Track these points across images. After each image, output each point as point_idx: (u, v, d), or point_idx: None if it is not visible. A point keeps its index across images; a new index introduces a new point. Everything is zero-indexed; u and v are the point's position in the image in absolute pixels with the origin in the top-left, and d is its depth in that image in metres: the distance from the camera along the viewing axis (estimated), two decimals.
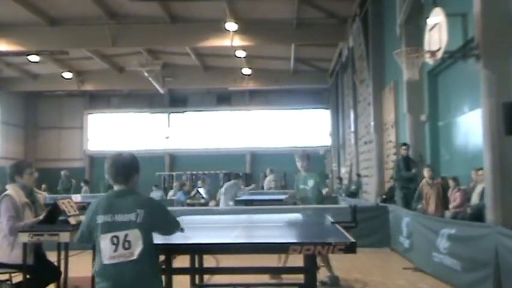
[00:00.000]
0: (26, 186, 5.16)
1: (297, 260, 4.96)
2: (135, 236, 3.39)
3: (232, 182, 13.04)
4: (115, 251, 3.38)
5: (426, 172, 9.74)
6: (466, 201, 9.65)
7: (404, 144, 11.39)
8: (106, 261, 3.39)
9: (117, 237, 3.38)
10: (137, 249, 3.39)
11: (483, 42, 7.82)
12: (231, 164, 26.71)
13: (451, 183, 10.08)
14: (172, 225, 3.70)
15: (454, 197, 9.82)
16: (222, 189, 13.34)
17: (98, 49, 22.63)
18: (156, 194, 21.02)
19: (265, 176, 21.26)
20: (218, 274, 6.90)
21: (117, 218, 3.40)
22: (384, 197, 14.29)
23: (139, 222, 3.39)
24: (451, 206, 9.80)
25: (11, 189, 5.07)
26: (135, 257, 3.38)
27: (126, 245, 3.38)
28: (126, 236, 3.38)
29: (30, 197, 5.16)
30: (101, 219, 3.43)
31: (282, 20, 19.10)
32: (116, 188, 3.57)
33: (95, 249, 4.02)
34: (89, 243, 3.64)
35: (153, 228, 3.51)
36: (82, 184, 21.83)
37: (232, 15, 18.45)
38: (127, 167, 3.58)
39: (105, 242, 3.40)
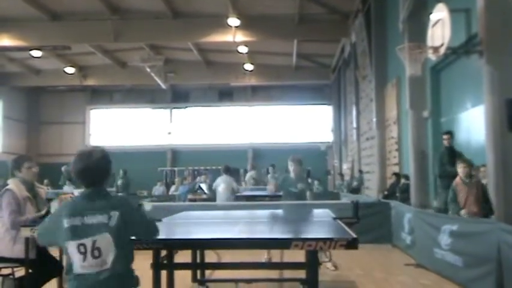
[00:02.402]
0: (27, 180, 5.16)
1: (298, 255, 4.96)
2: (105, 241, 3.01)
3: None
4: (84, 260, 3.00)
5: (461, 168, 7.56)
6: None
7: (448, 132, 9.30)
8: (77, 271, 3.03)
9: (83, 245, 2.99)
10: (110, 256, 3.02)
11: (486, 38, 7.79)
12: (233, 159, 26.57)
13: None
14: (150, 228, 3.38)
15: None
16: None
17: (100, 44, 22.61)
18: (158, 189, 21.12)
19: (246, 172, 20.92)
20: (220, 269, 6.91)
21: (86, 220, 3.01)
22: (386, 193, 14.29)
23: (112, 225, 3.01)
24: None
25: (12, 184, 5.07)
26: (108, 266, 3.01)
27: (96, 253, 3.00)
28: (94, 242, 2.99)
29: (31, 192, 5.17)
30: (68, 222, 3.01)
31: (284, 16, 19.07)
32: (86, 189, 3.16)
33: None
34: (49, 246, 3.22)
35: (128, 230, 3.12)
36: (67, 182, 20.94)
37: (234, 11, 18.42)
38: (100, 168, 3.17)
39: (72, 250, 3.03)
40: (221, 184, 11.89)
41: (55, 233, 3.09)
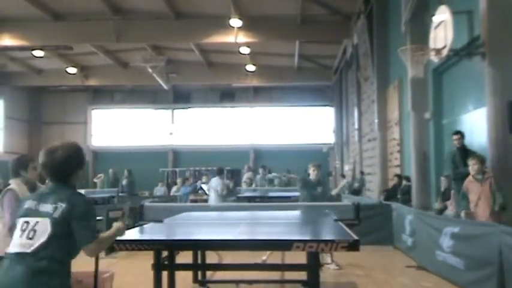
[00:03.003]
0: (29, 180, 5.16)
1: (299, 257, 4.95)
2: (43, 226, 2.95)
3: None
4: (20, 237, 2.98)
5: (473, 165, 7.20)
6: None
7: (458, 132, 8.75)
8: (9, 249, 2.99)
9: (28, 222, 3.00)
10: (38, 241, 2.92)
11: (489, 40, 7.79)
12: (235, 160, 26.69)
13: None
14: (87, 232, 2.99)
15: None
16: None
17: (102, 44, 22.64)
18: (160, 190, 21.10)
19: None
20: (221, 270, 6.91)
21: (40, 207, 3.02)
22: (384, 190, 14.33)
23: (55, 216, 2.95)
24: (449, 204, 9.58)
25: (14, 184, 5.07)
26: (31, 250, 2.90)
27: (31, 234, 2.94)
28: (35, 223, 2.97)
29: (33, 192, 5.16)
30: (27, 204, 3.09)
31: (286, 17, 19.07)
32: (49, 182, 3.19)
33: None
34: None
35: (67, 227, 2.97)
36: None
37: (236, 12, 18.43)
38: (61, 164, 3.12)
39: (18, 227, 3.04)
40: (211, 186, 12.43)
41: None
